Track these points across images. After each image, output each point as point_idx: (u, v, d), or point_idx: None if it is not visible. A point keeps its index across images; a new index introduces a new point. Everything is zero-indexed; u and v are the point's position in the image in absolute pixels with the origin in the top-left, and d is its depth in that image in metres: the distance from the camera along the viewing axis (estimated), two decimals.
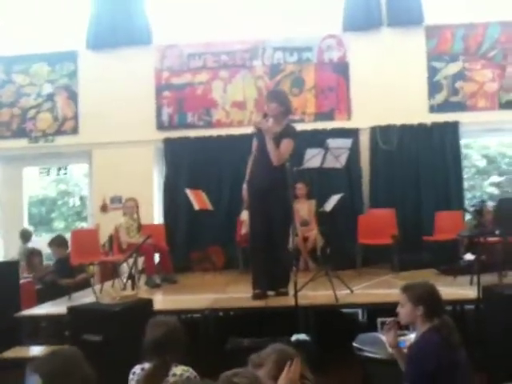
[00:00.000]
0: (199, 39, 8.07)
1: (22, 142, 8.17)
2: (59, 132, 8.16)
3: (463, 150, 8.10)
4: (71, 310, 3.82)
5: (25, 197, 8.63)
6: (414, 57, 7.75)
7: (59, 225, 11.26)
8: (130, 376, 2.65)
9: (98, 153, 8.04)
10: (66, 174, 8.73)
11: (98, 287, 5.85)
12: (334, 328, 4.80)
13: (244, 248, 6.50)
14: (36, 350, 4.29)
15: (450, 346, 2.66)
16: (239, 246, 6.96)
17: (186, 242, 7.68)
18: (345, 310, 5.87)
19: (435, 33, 7.79)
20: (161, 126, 8.04)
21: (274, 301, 4.78)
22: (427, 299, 2.77)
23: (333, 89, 7.90)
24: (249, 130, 5.36)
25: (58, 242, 6.62)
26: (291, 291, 4.51)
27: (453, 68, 7.74)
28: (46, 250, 7.27)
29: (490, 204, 6.62)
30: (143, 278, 6.15)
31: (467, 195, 8.97)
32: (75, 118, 8.16)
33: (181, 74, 8.06)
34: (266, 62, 7.98)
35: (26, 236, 7.67)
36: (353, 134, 7.36)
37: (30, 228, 8.16)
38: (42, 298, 5.66)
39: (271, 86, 7.83)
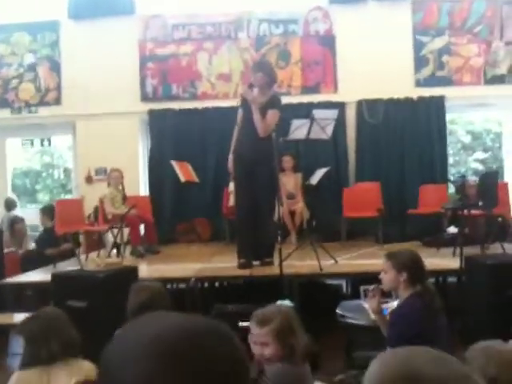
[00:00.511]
0: (183, 10, 7.94)
1: (5, 113, 8.03)
2: (42, 103, 8.04)
3: (449, 126, 8.14)
4: (55, 276, 3.82)
5: (8, 168, 8.52)
6: (400, 31, 7.71)
7: (44, 197, 11.17)
8: None
9: (82, 124, 7.94)
10: (49, 145, 8.62)
11: (83, 257, 5.84)
12: (318, 297, 4.86)
13: (231, 220, 6.49)
14: (20, 317, 4.28)
15: (432, 311, 2.71)
16: (226, 218, 6.95)
17: (172, 213, 7.67)
18: (329, 282, 5.94)
19: (421, 7, 7.75)
20: (145, 98, 7.94)
21: (259, 270, 4.81)
22: (410, 266, 2.81)
23: (319, 62, 7.85)
24: (235, 102, 5.33)
25: (47, 211, 6.59)
26: (276, 261, 4.54)
27: (439, 42, 7.72)
28: (31, 222, 7.24)
29: (472, 179, 6.70)
30: (128, 249, 6.15)
31: (452, 170, 9.05)
32: (58, 88, 8.03)
33: (165, 45, 7.95)
34: (251, 34, 7.89)
35: (9, 204, 7.60)
36: (339, 107, 7.29)
37: (15, 197, 8.07)
38: (26, 269, 5.64)
39: (257, 58, 7.75)
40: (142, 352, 0.68)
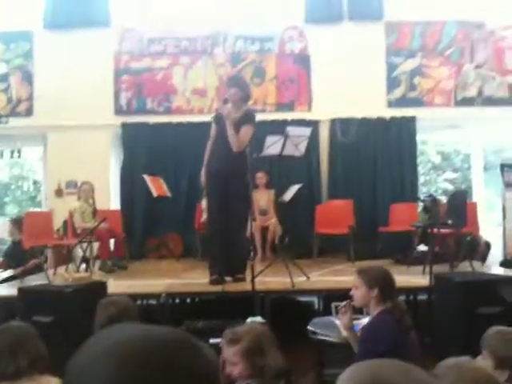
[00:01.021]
0: (160, 24, 7.94)
1: None
2: (13, 113, 7.91)
3: (419, 146, 8.28)
4: (22, 290, 3.73)
5: None
6: (373, 51, 7.85)
7: (13, 209, 10.94)
8: None
9: (54, 136, 7.83)
10: (19, 157, 8.46)
11: (51, 271, 5.71)
12: (290, 313, 4.84)
13: (203, 235, 6.45)
14: None
15: (402, 327, 2.72)
16: (198, 234, 6.90)
17: (143, 228, 7.59)
18: (301, 299, 5.93)
19: (394, 29, 7.91)
20: (119, 111, 7.89)
21: (231, 286, 4.77)
22: (381, 282, 2.83)
23: (294, 80, 7.93)
24: (209, 117, 5.30)
25: (17, 222, 6.46)
26: (248, 277, 4.52)
27: (411, 64, 7.89)
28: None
29: (441, 198, 6.82)
30: (98, 264, 6.04)
31: (422, 189, 9.18)
32: (30, 99, 7.92)
33: (140, 59, 7.93)
34: (227, 49, 7.94)
35: None
36: (313, 125, 7.38)
37: None
38: None
39: (232, 73, 7.79)
40: (103, 353, 0.67)
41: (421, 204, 6.74)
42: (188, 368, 0.68)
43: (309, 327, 3.67)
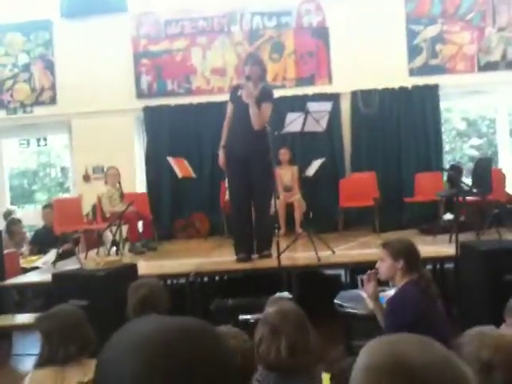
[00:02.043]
0: (176, 5, 7.94)
1: (0, 114, 8.06)
2: (37, 102, 8.06)
3: (444, 114, 8.17)
4: (56, 276, 3.85)
5: (6, 169, 8.55)
6: (392, 20, 7.71)
7: (42, 196, 11.18)
8: None
9: (78, 123, 7.96)
10: (45, 145, 8.63)
11: (82, 256, 5.87)
12: (317, 288, 4.90)
13: (228, 214, 6.52)
14: (22, 318, 4.33)
15: (428, 298, 2.75)
16: (224, 212, 6.98)
17: (170, 210, 7.71)
18: (328, 272, 5.99)
19: None
20: (140, 95, 7.96)
21: (258, 263, 4.84)
22: (407, 253, 2.85)
23: (313, 54, 7.86)
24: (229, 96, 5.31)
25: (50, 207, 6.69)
26: (274, 254, 4.58)
27: (432, 31, 7.73)
28: (29, 222, 7.28)
29: (462, 166, 6.76)
30: (127, 246, 6.18)
31: (447, 158, 9.08)
32: (53, 88, 8.05)
33: (158, 42, 7.95)
34: (244, 27, 7.90)
35: (7, 216, 7.62)
36: (334, 98, 7.35)
37: (12, 207, 8.13)
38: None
39: (251, 51, 7.75)
40: (132, 350, 0.71)
41: (445, 173, 6.68)
42: (210, 357, 0.73)
43: (336, 300, 3.72)
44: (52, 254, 6.05)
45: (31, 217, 7.56)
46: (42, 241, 6.58)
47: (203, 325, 0.77)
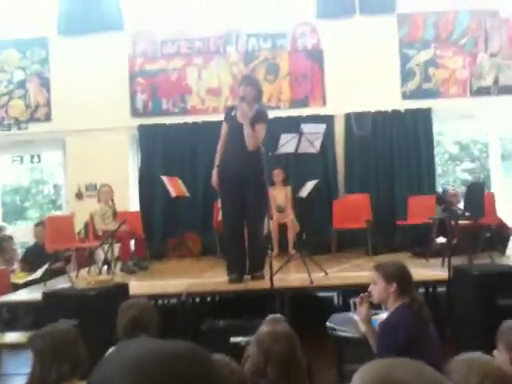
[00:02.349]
0: (172, 25, 8.00)
1: None
2: (32, 119, 8.06)
3: (436, 137, 8.24)
4: (46, 295, 3.81)
5: None
6: (386, 44, 7.82)
7: (34, 213, 11.12)
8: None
9: (72, 140, 7.96)
10: (39, 161, 8.61)
11: (73, 274, 5.82)
12: (310, 310, 4.87)
13: (221, 234, 6.50)
14: (11, 337, 4.27)
15: (421, 321, 2.74)
16: (216, 232, 6.96)
17: (163, 229, 7.68)
18: (320, 294, 5.96)
19: (407, 20, 7.87)
20: (135, 113, 7.98)
21: (250, 284, 4.82)
22: (399, 276, 2.84)
23: (307, 76, 7.94)
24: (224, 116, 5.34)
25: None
26: (267, 275, 4.56)
27: (425, 55, 7.84)
28: (20, 239, 7.23)
29: (450, 188, 6.80)
30: (119, 265, 6.14)
31: (440, 181, 9.13)
32: (48, 104, 8.06)
33: (154, 61, 8.01)
34: (240, 48, 7.98)
35: None
36: (328, 120, 7.41)
37: (3, 224, 8.08)
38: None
39: (246, 72, 7.82)
40: (123, 374, 0.70)
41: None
42: (201, 382, 0.72)
43: (328, 323, 3.70)
44: (41, 271, 6.01)
45: (23, 234, 7.50)
46: (33, 258, 6.53)
47: (195, 349, 0.76)
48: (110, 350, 2.67)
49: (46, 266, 5.83)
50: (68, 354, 2.17)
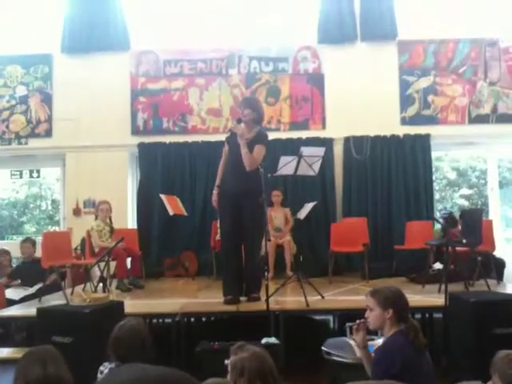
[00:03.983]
0: (175, 46, 8.10)
1: None
2: (32, 135, 8.09)
3: (434, 163, 8.29)
4: (41, 311, 3.79)
5: None
6: (386, 70, 7.92)
7: (31, 228, 11.08)
8: (98, 374, 2.64)
9: (72, 156, 7.99)
10: (38, 177, 8.63)
11: (68, 291, 5.78)
12: (305, 333, 4.85)
13: (218, 253, 6.50)
14: (5, 352, 4.24)
15: (416, 348, 2.73)
16: (213, 252, 6.95)
17: (159, 247, 7.67)
18: (317, 317, 5.94)
19: (407, 48, 7.98)
20: (136, 131, 8.02)
21: (246, 306, 4.80)
22: (396, 303, 2.82)
23: (308, 99, 8.01)
24: (224, 137, 5.37)
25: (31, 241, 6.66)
26: (263, 297, 4.55)
27: (424, 82, 7.93)
28: (17, 254, 7.20)
29: (455, 216, 6.81)
30: (115, 283, 6.11)
31: (438, 206, 9.15)
32: (49, 121, 8.10)
33: (157, 80, 8.08)
34: (242, 70, 8.06)
35: None
36: (327, 143, 7.48)
37: None
38: None
39: (247, 94, 7.90)
40: None
41: (437, 223, 6.71)
42: None
43: (323, 348, 3.68)
44: (28, 291, 6.02)
45: (18, 248, 7.45)
46: (23, 274, 6.52)
47: (184, 378, 0.77)
48: (101, 368, 2.66)
49: (40, 284, 5.82)
50: (39, 372, 2.18)
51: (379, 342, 3.14)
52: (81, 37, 8.01)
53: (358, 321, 3.00)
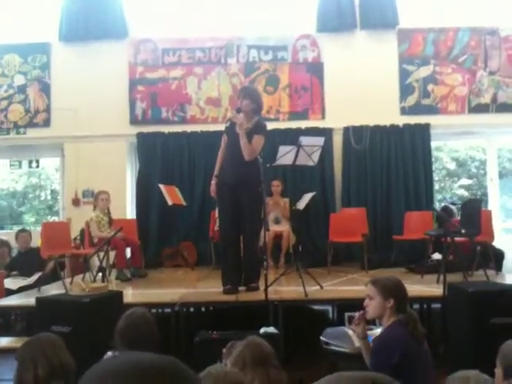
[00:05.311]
0: (174, 35, 8.04)
1: None
2: (31, 124, 8.06)
3: (434, 153, 8.27)
4: (40, 300, 3.79)
5: None
6: (386, 59, 7.87)
7: (30, 218, 11.09)
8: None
9: (70, 146, 7.96)
10: (37, 167, 8.60)
11: (67, 281, 5.80)
12: (304, 322, 4.86)
13: (217, 243, 6.50)
14: (4, 341, 4.25)
15: (414, 338, 2.73)
16: (212, 242, 6.95)
17: (158, 237, 7.67)
18: (316, 307, 5.95)
19: (407, 36, 7.93)
20: (134, 121, 7.99)
21: (245, 296, 4.81)
22: (397, 292, 2.83)
23: (307, 88, 7.97)
24: (223, 126, 5.34)
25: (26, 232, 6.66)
26: (262, 287, 4.55)
27: (424, 71, 7.89)
28: (14, 244, 7.21)
29: (453, 207, 6.83)
30: (114, 272, 6.12)
31: (437, 197, 9.15)
32: (47, 110, 8.06)
33: (155, 69, 8.03)
34: (240, 59, 8.01)
35: None
36: (326, 133, 7.45)
37: None
38: None
39: (246, 83, 7.85)
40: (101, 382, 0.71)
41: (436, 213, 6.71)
42: None
43: (321, 338, 3.69)
44: (26, 281, 6.03)
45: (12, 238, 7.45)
46: (19, 265, 6.53)
47: (178, 365, 0.77)
48: (105, 358, 2.67)
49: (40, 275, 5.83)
50: (46, 361, 2.21)
51: (377, 331, 3.15)
52: (78, 26, 7.95)
53: (357, 313, 3.00)
